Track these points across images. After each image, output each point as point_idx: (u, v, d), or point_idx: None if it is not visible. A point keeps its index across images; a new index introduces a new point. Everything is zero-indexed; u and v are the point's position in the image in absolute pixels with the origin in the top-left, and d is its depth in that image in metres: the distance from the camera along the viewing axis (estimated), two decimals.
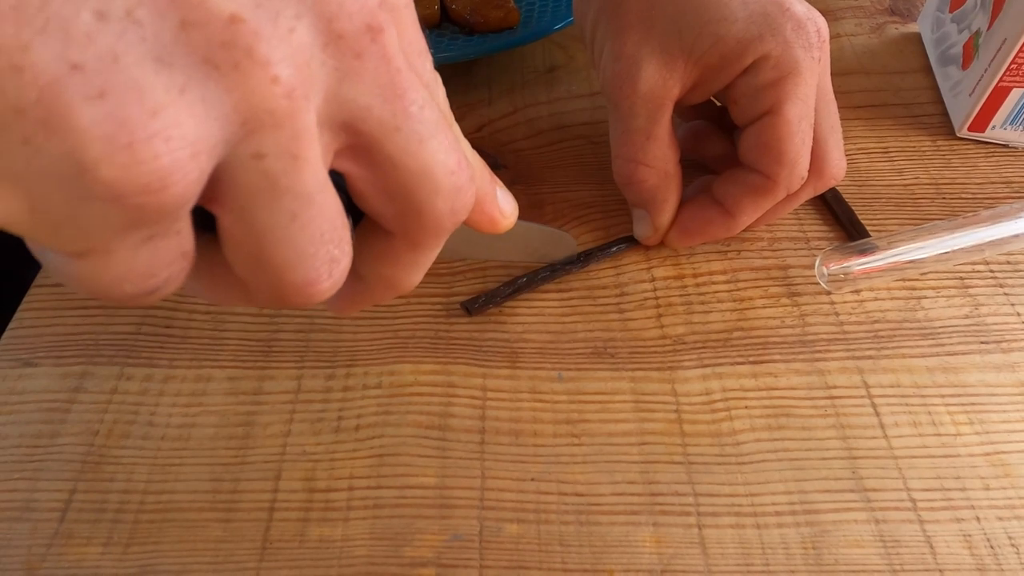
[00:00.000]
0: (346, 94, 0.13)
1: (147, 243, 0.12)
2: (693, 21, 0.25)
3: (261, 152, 0.12)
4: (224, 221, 0.13)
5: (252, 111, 0.12)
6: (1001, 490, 0.23)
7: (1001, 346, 0.26)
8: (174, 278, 0.14)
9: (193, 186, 0.12)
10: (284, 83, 0.12)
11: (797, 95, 0.25)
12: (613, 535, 0.22)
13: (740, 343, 0.26)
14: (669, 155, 0.27)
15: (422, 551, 0.22)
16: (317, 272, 0.14)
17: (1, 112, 0.10)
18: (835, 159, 0.27)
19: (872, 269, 0.27)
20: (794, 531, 0.22)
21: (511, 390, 0.26)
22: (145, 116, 0.11)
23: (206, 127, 0.11)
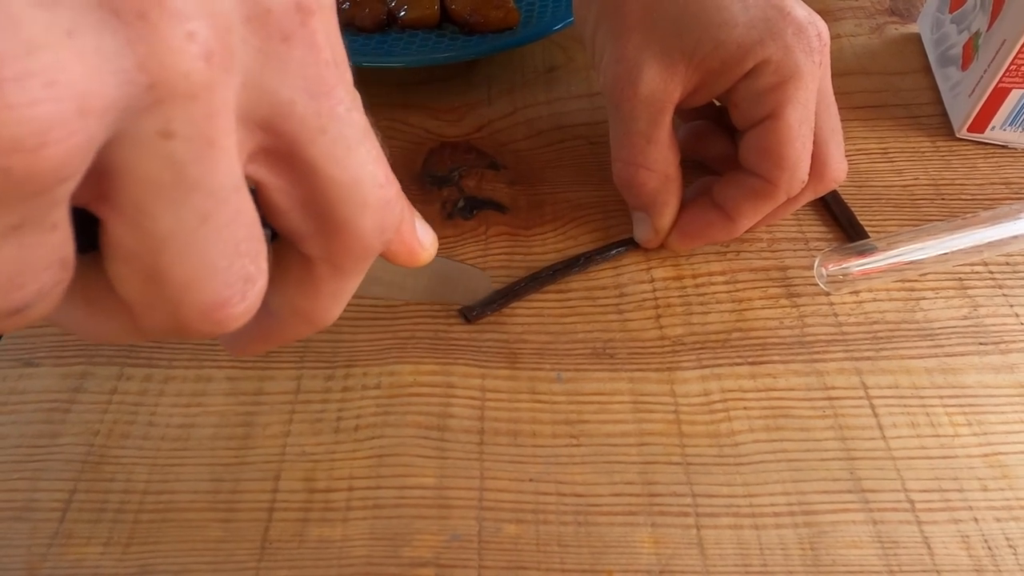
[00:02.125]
0: (268, 83, 0.11)
1: (13, 235, 0.10)
2: (693, 25, 0.25)
3: (169, 129, 0.10)
4: (112, 224, 0.11)
5: (163, 72, 0.10)
6: (999, 491, 0.23)
7: (999, 347, 0.26)
8: (47, 295, 0.11)
9: (78, 155, 0.09)
10: (201, 42, 0.10)
11: (798, 99, 0.25)
12: (611, 535, 0.22)
13: (739, 344, 0.26)
14: (670, 158, 0.27)
15: (421, 551, 0.22)
16: (229, 291, 0.12)
17: None
18: (835, 162, 0.27)
19: (871, 270, 0.27)
20: (792, 532, 0.22)
21: (510, 391, 0.26)
22: (18, 50, 0.08)
23: (99, 81, 0.09)
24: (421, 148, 0.35)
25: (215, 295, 0.12)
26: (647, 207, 0.28)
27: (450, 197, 0.32)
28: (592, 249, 0.29)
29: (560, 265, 0.29)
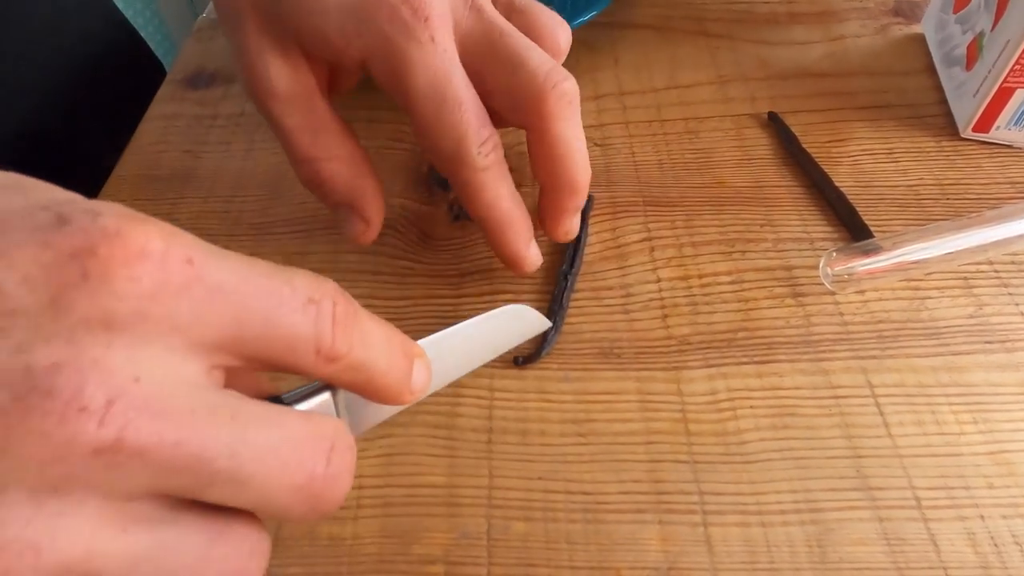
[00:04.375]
0: (127, 487, 0.12)
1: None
2: (290, 10, 0.23)
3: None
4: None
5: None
6: (1005, 488, 0.23)
7: (1005, 346, 0.26)
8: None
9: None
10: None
11: (417, 89, 0.23)
12: (619, 533, 0.22)
13: (745, 343, 0.27)
14: (345, 140, 0.25)
15: (431, 549, 0.22)
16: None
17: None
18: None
19: (876, 270, 0.27)
20: (799, 529, 0.22)
21: (518, 390, 0.26)
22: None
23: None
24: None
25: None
26: (348, 198, 0.26)
27: (457, 200, 0.33)
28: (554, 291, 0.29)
29: (566, 269, 0.29)
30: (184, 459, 0.12)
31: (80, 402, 0.11)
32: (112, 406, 0.12)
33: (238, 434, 0.13)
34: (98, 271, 0.12)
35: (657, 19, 0.41)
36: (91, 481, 0.12)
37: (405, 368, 0.18)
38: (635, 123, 0.35)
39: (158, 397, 0.12)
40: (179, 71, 0.41)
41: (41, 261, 0.12)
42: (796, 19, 0.41)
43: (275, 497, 0.14)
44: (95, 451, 0.12)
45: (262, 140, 0.37)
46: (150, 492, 0.13)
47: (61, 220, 0.12)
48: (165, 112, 0.39)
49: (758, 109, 0.36)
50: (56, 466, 0.11)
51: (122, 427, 0.12)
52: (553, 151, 0.25)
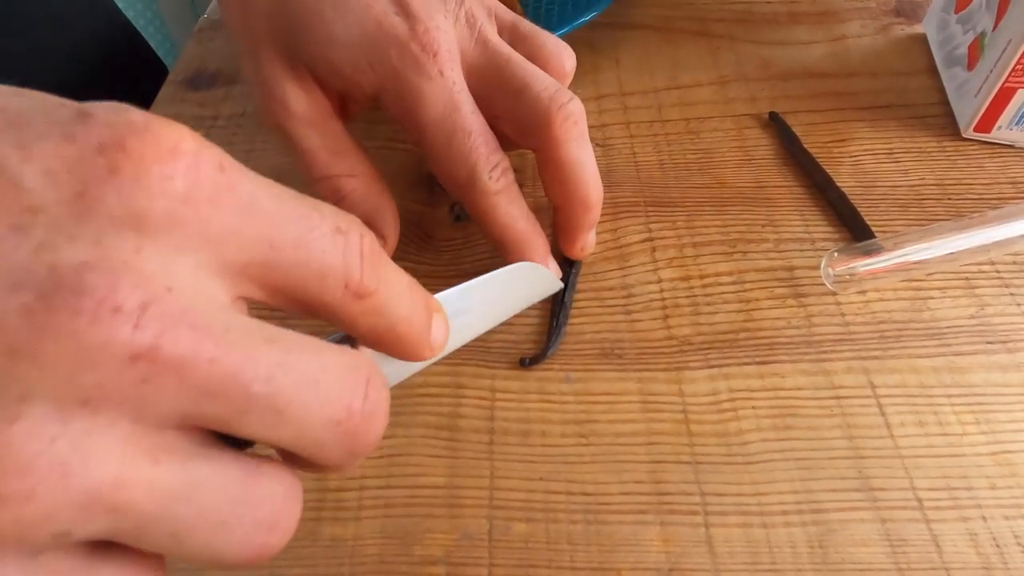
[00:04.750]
0: (159, 410, 0.11)
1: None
2: (303, 41, 0.24)
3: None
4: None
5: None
6: (1007, 489, 0.23)
7: (1007, 346, 0.26)
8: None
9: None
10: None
11: (429, 121, 0.23)
12: (621, 534, 0.22)
13: (746, 344, 0.27)
14: (363, 160, 0.26)
15: (432, 550, 0.22)
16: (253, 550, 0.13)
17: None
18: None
19: (878, 270, 0.27)
20: (801, 530, 0.22)
21: (519, 391, 0.26)
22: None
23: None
24: None
25: (238, 558, 0.13)
26: (364, 215, 0.26)
27: (458, 200, 0.33)
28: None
29: (566, 270, 0.29)
30: (220, 378, 0.11)
31: (114, 302, 0.10)
32: (147, 310, 0.11)
33: (276, 358, 0.12)
34: (129, 166, 0.11)
35: (658, 19, 0.41)
36: (123, 397, 0.11)
37: (425, 319, 0.17)
38: (636, 123, 0.35)
39: (192, 309, 0.11)
40: (180, 72, 0.41)
41: (64, 155, 0.11)
42: (797, 19, 0.41)
43: (312, 431, 0.13)
44: (130, 357, 0.10)
45: (263, 141, 0.37)
46: (182, 420, 0.12)
47: (83, 114, 0.11)
48: (166, 113, 0.39)
49: (759, 109, 0.36)
50: (87, 373, 0.10)
51: (158, 334, 0.11)
52: (563, 171, 0.26)
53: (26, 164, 0.10)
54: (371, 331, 0.15)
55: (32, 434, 0.10)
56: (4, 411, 0.10)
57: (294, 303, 0.14)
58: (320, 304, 0.14)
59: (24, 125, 0.11)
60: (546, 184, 0.27)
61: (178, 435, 0.12)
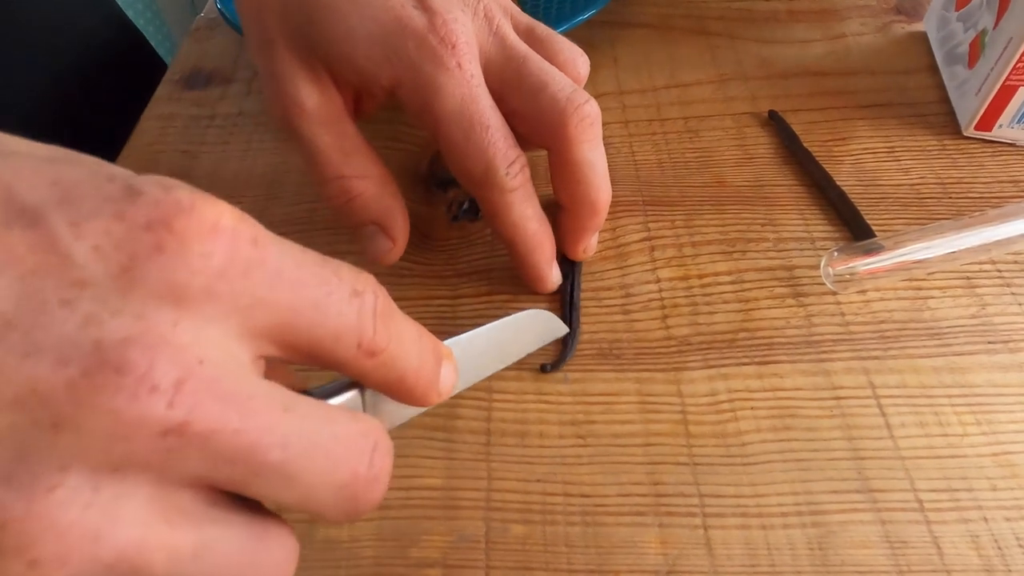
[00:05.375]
0: (180, 474, 0.12)
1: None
2: (319, 37, 0.23)
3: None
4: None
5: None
6: (1009, 491, 0.22)
7: (1008, 346, 0.26)
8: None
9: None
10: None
11: (446, 114, 0.23)
12: (619, 536, 0.22)
13: (745, 344, 0.26)
14: (375, 161, 0.26)
15: (428, 552, 0.22)
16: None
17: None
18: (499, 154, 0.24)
19: (878, 269, 0.27)
20: (800, 532, 0.22)
21: (517, 391, 0.26)
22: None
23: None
24: (426, 151, 0.35)
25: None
26: (375, 217, 0.26)
27: (456, 199, 0.32)
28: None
29: (567, 269, 0.28)
30: (242, 448, 0.12)
31: (151, 380, 0.11)
32: (181, 387, 0.11)
33: (293, 426, 0.13)
34: (174, 244, 0.12)
35: (657, 18, 0.41)
36: (149, 463, 0.12)
37: (434, 368, 0.18)
38: (635, 122, 0.35)
39: (221, 381, 0.12)
40: (176, 71, 0.41)
41: (114, 232, 0.11)
42: (797, 17, 0.40)
43: (318, 495, 0.14)
44: (162, 432, 0.11)
45: (260, 140, 0.36)
46: (199, 481, 0.13)
47: (132, 192, 0.12)
48: (162, 112, 0.39)
49: (759, 108, 0.35)
50: (121, 444, 0.11)
51: (190, 409, 0.11)
52: (575, 173, 0.25)
53: (78, 241, 0.11)
54: (382, 382, 0.16)
55: (68, 502, 0.11)
56: (44, 480, 0.11)
57: (309, 359, 0.15)
58: (335, 360, 0.15)
59: (77, 200, 0.11)
60: (556, 184, 0.26)
61: (193, 495, 0.13)
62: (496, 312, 0.28)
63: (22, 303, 0.11)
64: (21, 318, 0.11)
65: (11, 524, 0.10)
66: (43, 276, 0.11)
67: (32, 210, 0.11)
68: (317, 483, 0.14)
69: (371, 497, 0.15)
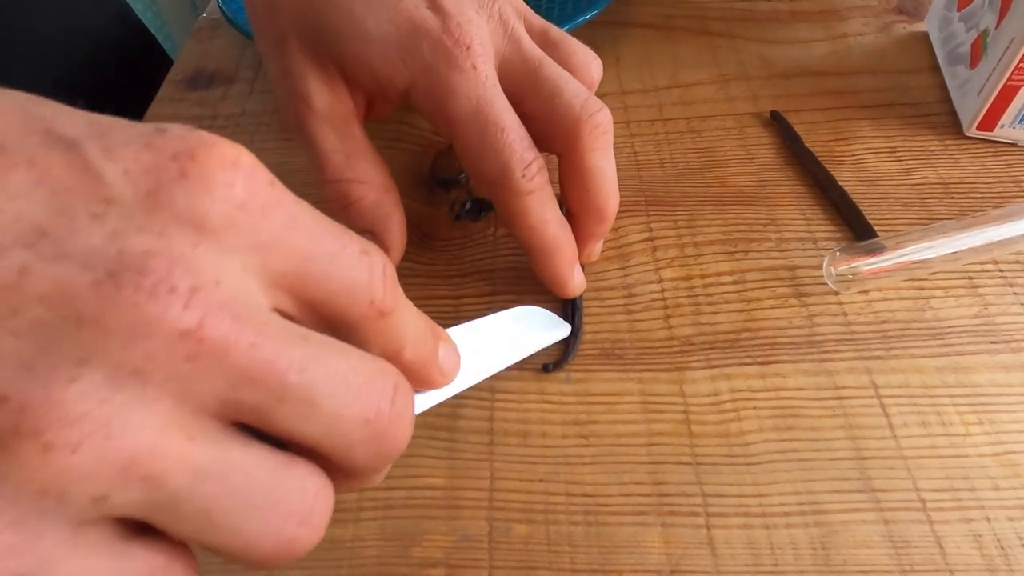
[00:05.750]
0: (200, 392, 0.12)
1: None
2: (333, 38, 0.23)
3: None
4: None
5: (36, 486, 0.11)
6: (1011, 490, 0.22)
7: (1011, 346, 0.26)
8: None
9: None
10: (57, 451, 0.11)
11: (461, 115, 0.23)
12: (621, 536, 0.22)
13: (748, 344, 0.26)
14: (379, 168, 0.26)
15: (431, 552, 0.22)
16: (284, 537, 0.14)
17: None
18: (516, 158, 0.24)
19: (880, 269, 0.27)
20: (803, 532, 0.22)
21: (519, 391, 0.26)
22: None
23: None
24: (428, 151, 0.35)
25: (267, 551, 0.14)
26: (370, 224, 0.26)
27: (458, 199, 0.32)
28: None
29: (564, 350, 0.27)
30: (259, 364, 0.13)
31: (170, 282, 0.12)
32: (196, 293, 0.12)
33: (310, 352, 0.13)
34: (197, 171, 0.12)
35: (658, 18, 0.41)
36: (170, 373, 0.12)
37: (433, 344, 0.18)
38: (637, 122, 0.35)
39: (236, 301, 0.13)
40: (178, 72, 0.41)
41: (142, 158, 0.12)
42: (799, 17, 0.40)
43: (343, 427, 0.14)
44: (180, 333, 0.12)
45: (262, 140, 0.36)
46: (221, 407, 0.13)
47: (160, 129, 0.13)
48: (165, 113, 0.39)
49: (760, 108, 0.35)
50: (141, 343, 0.12)
51: (204, 314, 0.12)
52: (585, 180, 0.25)
53: (109, 163, 0.12)
54: (385, 350, 0.16)
55: (85, 394, 0.11)
56: (63, 371, 0.11)
57: (321, 319, 0.15)
58: (344, 320, 0.15)
59: (110, 133, 0.12)
60: (565, 190, 0.26)
61: (215, 421, 0.13)
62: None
63: (54, 214, 0.11)
64: (53, 227, 0.11)
65: (30, 408, 0.11)
66: (76, 193, 0.12)
67: (70, 139, 0.12)
68: (341, 414, 0.14)
69: (397, 436, 0.15)
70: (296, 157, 0.35)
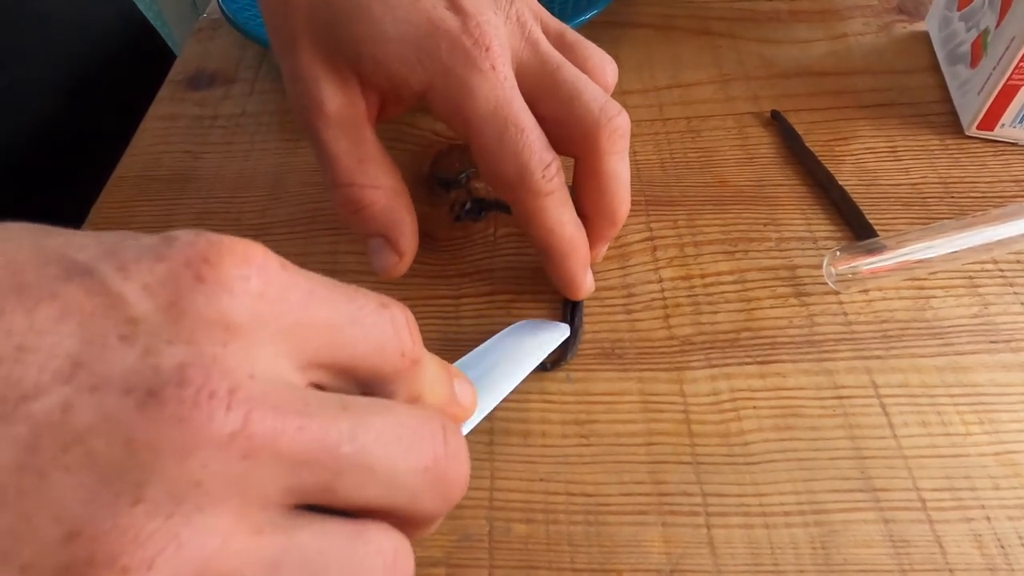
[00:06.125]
0: (263, 487, 0.13)
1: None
2: (347, 37, 0.23)
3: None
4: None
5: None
6: (1012, 490, 0.22)
7: (1011, 345, 0.26)
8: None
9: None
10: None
11: (479, 116, 0.23)
12: (622, 535, 0.22)
13: (748, 343, 0.26)
14: (390, 171, 0.25)
15: (432, 551, 0.22)
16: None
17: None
18: (533, 161, 0.24)
19: (880, 269, 0.27)
20: (803, 531, 0.22)
21: (519, 391, 0.26)
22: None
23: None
24: (429, 151, 0.35)
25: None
26: (383, 229, 0.25)
27: (458, 199, 0.32)
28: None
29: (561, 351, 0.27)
30: (310, 445, 0.13)
31: (209, 389, 0.12)
32: (235, 394, 0.12)
33: (355, 419, 0.14)
34: (212, 274, 0.13)
35: (658, 18, 0.41)
36: (229, 477, 0.12)
37: (448, 382, 0.18)
38: (637, 122, 0.35)
39: (273, 391, 0.13)
40: (179, 72, 0.41)
41: (157, 272, 0.12)
42: (799, 17, 0.40)
43: (405, 481, 0.14)
44: (229, 436, 0.12)
45: (263, 141, 0.36)
46: (283, 493, 0.13)
47: (167, 239, 0.13)
48: (165, 113, 0.39)
49: (761, 108, 0.35)
50: (194, 455, 0.12)
51: (247, 412, 0.12)
52: (600, 184, 0.25)
53: (127, 283, 0.12)
54: (408, 397, 0.17)
55: (150, 513, 0.11)
56: (127, 496, 0.11)
57: (358, 381, 0.15)
58: (380, 375, 0.15)
59: (121, 251, 0.13)
60: (579, 193, 0.26)
61: (281, 509, 0.13)
62: (498, 312, 0.28)
63: (85, 344, 0.12)
64: (86, 357, 0.12)
65: (101, 537, 0.11)
66: (101, 318, 0.12)
67: (84, 265, 0.12)
68: (399, 470, 0.14)
69: (458, 475, 0.15)
70: (296, 157, 0.35)
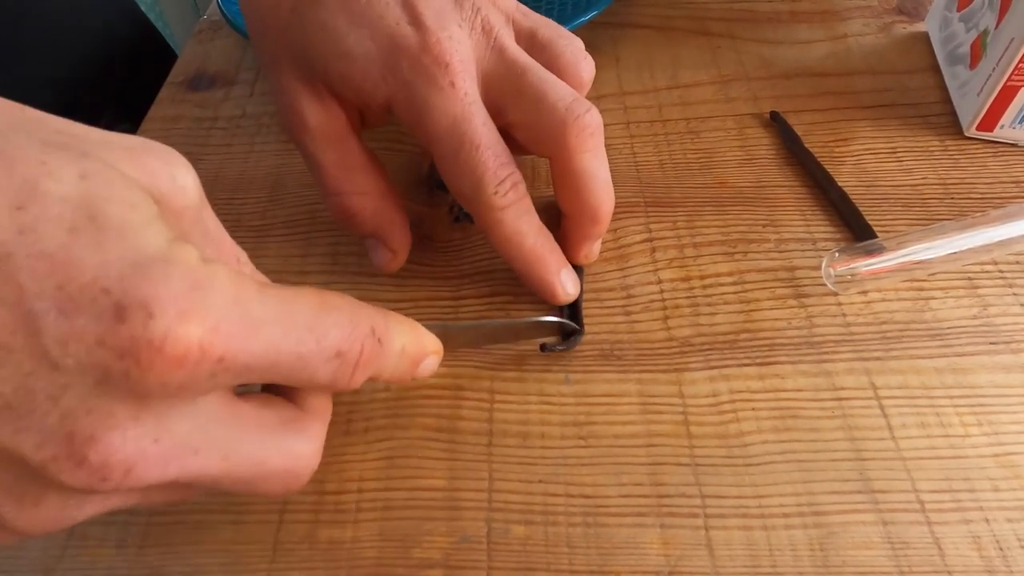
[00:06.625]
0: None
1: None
2: (316, 55, 0.24)
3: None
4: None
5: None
6: (1011, 491, 0.22)
7: (1011, 347, 0.26)
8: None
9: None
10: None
11: (437, 132, 0.23)
12: (620, 537, 0.22)
13: (747, 345, 0.26)
14: (377, 178, 0.26)
15: (431, 552, 0.22)
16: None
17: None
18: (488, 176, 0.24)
19: (880, 270, 0.27)
20: (802, 533, 0.22)
21: (519, 392, 0.26)
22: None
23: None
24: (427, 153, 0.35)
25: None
26: (374, 230, 0.27)
27: (457, 201, 0.32)
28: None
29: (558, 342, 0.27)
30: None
31: (102, 474, 0.15)
32: (129, 474, 0.15)
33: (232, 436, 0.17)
34: (137, 374, 0.14)
35: (658, 19, 0.41)
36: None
37: (409, 372, 0.20)
38: (636, 123, 0.35)
39: (170, 454, 0.16)
40: (179, 73, 0.41)
41: (95, 354, 0.14)
42: (798, 18, 0.40)
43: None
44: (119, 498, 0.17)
45: (263, 142, 0.37)
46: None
47: (119, 316, 0.14)
48: (166, 114, 0.39)
49: (760, 109, 0.35)
50: (77, 508, 0.16)
51: (145, 493, 0.17)
52: (575, 182, 0.25)
53: (65, 357, 0.14)
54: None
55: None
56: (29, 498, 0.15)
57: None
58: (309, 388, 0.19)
59: (72, 313, 0.14)
60: (556, 193, 0.27)
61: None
62: (498, 313, 0.28)
63: (18, 392, 0.14)
64: (17, 403, 0.14)
65: (9, 531, 0.15)
66: (36, 378, 0.14)
67: (33, 319, 0.13)
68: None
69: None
70: (296, 159, 0.35)
